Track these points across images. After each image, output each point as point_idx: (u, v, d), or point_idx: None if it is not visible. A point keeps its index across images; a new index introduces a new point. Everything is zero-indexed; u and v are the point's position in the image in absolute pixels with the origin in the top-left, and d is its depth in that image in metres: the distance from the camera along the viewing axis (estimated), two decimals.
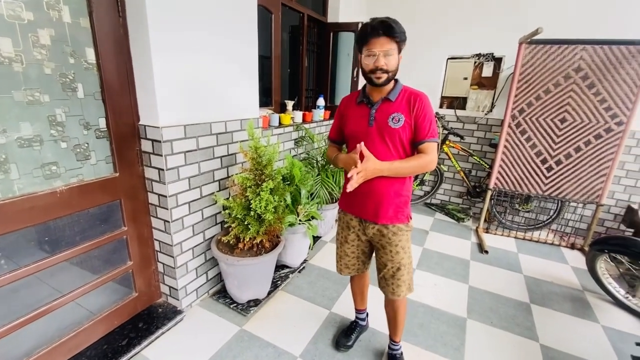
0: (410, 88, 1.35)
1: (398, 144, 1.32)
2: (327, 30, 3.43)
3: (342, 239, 1.59)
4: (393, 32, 1.21)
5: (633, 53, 2.60)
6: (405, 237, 1.44)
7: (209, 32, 1.76)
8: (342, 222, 1.58)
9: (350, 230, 1.53)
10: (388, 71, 1.25)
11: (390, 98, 1.32)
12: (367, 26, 1.24)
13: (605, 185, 2.87)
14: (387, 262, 1.46)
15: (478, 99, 3.63)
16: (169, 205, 1.73)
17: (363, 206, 1.42)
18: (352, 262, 1.61)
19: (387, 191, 1.36)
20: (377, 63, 1.23)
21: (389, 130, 1.31)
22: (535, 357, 1.81)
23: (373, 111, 1.34)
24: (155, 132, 1.62)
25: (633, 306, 2.22)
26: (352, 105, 1.43)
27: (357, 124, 1.38)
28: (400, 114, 1.30)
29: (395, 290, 1.48)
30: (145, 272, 1.91)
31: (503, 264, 2.78)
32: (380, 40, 1.21)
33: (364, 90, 1.40)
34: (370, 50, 1.24)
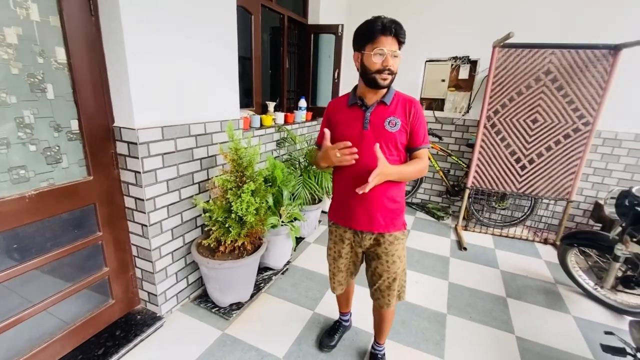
0: (402, 93, 1.33)
1: (393, 148, 1.29)
2: (307, 32, 3.45)
3: (335, 254, 1.50)
4: (403, 33, 1.18)
5: (598, 57, 2.75)
6: (401, 246, 1.41)
7: (186, 32, 1.73)
8: (334, 235, 1.49)
9: (345, 243, 1.45)
10: (393, 73, 1.22)
11: (386, 101, 1.28)
12: (377, 23, 1.17)
13: (574, 183, 3.01)
14: (382, 272, 1.41)
15: (455, 101, 3.73)
16: (147, 209, 1.69)
17: (357, 215, 1.35)
18: (346, 278, 1.57)
19: (382, 198, 1.31)
20: (386, 63, 1.18)
21: (385, 134, 1.27)
22: (511, 349, 1.88)
23: (368, 114, 1.28)
24: (131, 134, 1.58)
25: (601, 297, 2.34)
26: (343, 108, 1.36)
27: (349, 128, 1.31)
28: (396, 117, 1.27)
29: (390, 301, 1.46)
30: (123, 278, 1.86)
31: (481, 260, 2.87)
32: (389, 40, 1.17)
33: (354, 93, 1.35)
34: (379, 49, 1.17)
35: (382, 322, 1.59)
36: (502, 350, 1.86)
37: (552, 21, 3.13)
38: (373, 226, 1.35)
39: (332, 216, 1.48)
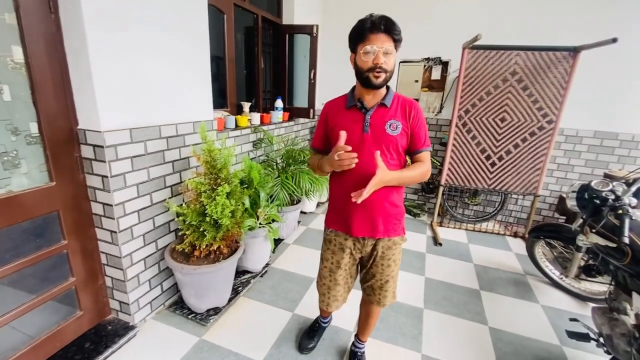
0: (401, 95, 1.30)
1: (394, 151, 1.26)
2: (282, 32, 3.43)
3: (333, 266, 1.43)
4: (394, 29, 1.14)
5: (559, 58, 2.90)
6: (398, 250, 1.39)
7: (155, 30, 1.68)
8: (332, 244, 1.42)
9: (345, 252, 1.39)
10: (387, 71, 1.17)
11: (386, 104, 1.25)
12: (366, 21, 1.15)
13: (540, 178, 3.17)
14: (376, 273, 1.41)
15: (428, 101, 3.83)
16: (116, 215, 1.62)
17: (358, 221, 1.31)
18: (342, 293, 1.49)
19: (383, 203, 1.28)
20: (377, 60, 1.14)
21: (386, 138, 1.23)
22: (484, 339, 1.95)
23: (368, 117, 1.24)
24: (97, 136, 1.51)
25: (567, 286, 2.48)
26: (341, 110, 1.31)
27: (349, 130, 1.23)
28: (397, 120, 1.24)
29: (381, 300, 1.45)
30: (91, 287, 1.77)
31: (455, 255, 2.96)
32: (380, 36, 1.13)
33: (352, 94, 1.31)
34: (369, 47, 1.14)
35: (369, 318, 1.59)
36: (476, 341, 1.93)
37: (517, 24, 3.28)
38: (374, 232, 1.32)
39: (331, 223, 1.42)
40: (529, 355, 1.85)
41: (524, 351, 1.87)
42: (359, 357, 1.70)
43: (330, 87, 4.09)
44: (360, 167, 1.19)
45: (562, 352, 1.89)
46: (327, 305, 1.51)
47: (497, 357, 1.82)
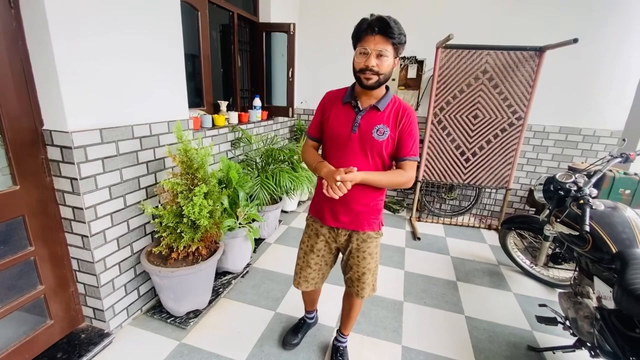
0: (400, 100, 1.30)
1: (377, 156, 1.27)
2: (259, 30, 3.40)
3: (307, 248, 1.50)
4: (390, 31, 1.12)
5: (526, 57, 3.04)
6: (374, 244, 1.42)
7: (125, 26, 1.62)
8: (310, 229, 1.49)
9: (319, 238, 1.45)
10: (379, 73, 1.16)
11: (379, 107, 1.25)
12: (364, 22, 1.16)
13: (511, 172, 3.31)
14: (353, 265, 1.45)
15: (405, 99, 3.91)
16: (87, 219, 1.56)
17: (335, 212, 1.36)
18: (313, 276, 1.52)
19: (361, 198, 1.32)
20: (368, 62, 1.14)
21: (371, 142, 1.24)
22: (461, 328, 2.02)
23: (359, 117, 1.25)
24: (64, 137, 1.45)
25: (536, 273, 2.61)
26: (338, 103, 1.32)
27: (339, 127, 1.28)
28: (385, 126, 1.24)
29: (359, 292, 1.49)
30: (62, 295, 1.70)
31: (433, 248, 3.05)
32: (375, 38, 1.13)
33: (352, 90, 1.31)
34: (363, 48, 1.15)
35: (351, 310, 1.62)
36: (453, 330, 2.00)
37: (488, 24, 3.40)
38: (347, 224, 1.37)
39: (312, 211, 1.49)
40: (502, 341, 1.93)
41: (497, 337, 1.96)
42: (341, 351, 1.72)
43: (309, 86, 4.11)
44: (343, 164, 1.24)
45: (533, 336, 1.99)
46: (297, 283, 1.56)
47: (473, 344, 1.89)
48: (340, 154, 1.30)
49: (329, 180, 1.19)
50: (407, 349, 1.83)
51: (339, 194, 1.16)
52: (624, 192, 2.51)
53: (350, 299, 1.60)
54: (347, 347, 1.76)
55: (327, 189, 1.18)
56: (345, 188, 1.16)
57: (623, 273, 1.29)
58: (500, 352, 1.85)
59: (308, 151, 1.44)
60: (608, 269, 1.46)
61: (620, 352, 1.30)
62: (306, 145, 1.46)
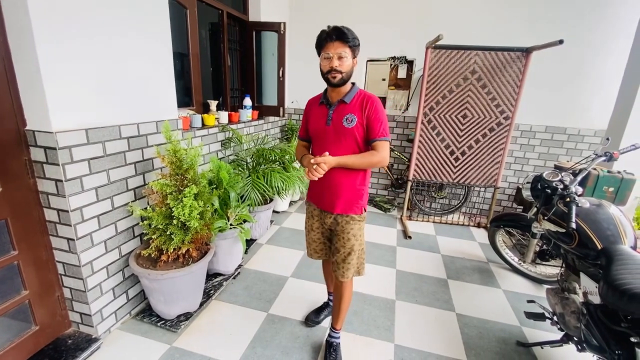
0: (365, 91, 1.48)
1: (352, 142, 1.45)
2: (249, 29, 3.37)
3: (308, 227, 1.73)
4: (345, 37, 1.34)
5: (513, 58, 3.09)
6: (357, 226, 1.57)
7: (111, 23, 1.58)
8: (307, 212, 1.73)
9: (314, 219, 1.67)
10: (342, 72, 1.38)
11: (346, 100, 1.45)
12: (323, 33, 1.37)
13: (499, 171, 3.37)
14: (340, 247, 1.58)
15: (395, 99, 3.94)
16: (73, 221, 1.52)
17: (322, 198, 1.57)
18: (320, 247, 1.74)
19: (344, 184, 1.49)
20: (331, 64, 1.36)
21: (343, 130, 1.44)
22: (452, 325, 2.05)
23: (331, 112, 1.47)
24: (48, 138, 1.40)
25: (525, 270, 2.66)
26: (315, 106, 1.56)
27: (317, 123, 1.52)
28: (353, 114, 1.43)
29: (344, 273, 1.60)
30: (48, 300, 1.65)
31: (424, 247, 3.08)
32: (334, 44, 1.35)
33: (325, 92, 1.53)
34: (325, 53, 1.37)
35: (341, 300, 1.68)
36: (445, 328, 2.02)
37: (477, 25, 3.45)
38: (333, 208, 1.54)
39: (308, 197, 1.70)
40: (492, 337, 1.96)
41: (487, 334, 1.99)
42: (334, 347, 1.73)
43: (300, 85, 4.10)
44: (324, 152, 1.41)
45: (522, 331, 2.02)
46: (309, 254, 1.79)
47: (463, 341, 1.92)
48: (321, 145, 1.50)
49: (308, 165, 1.37)
50: (399, 347, 1.84)
51: (317, 175, 1.33)
52: (607, 189, 2.58)
53: (338, 288, 1.67)
54: (340, 344, 1.76)
55: (307, 174, 1.36)
56: (322, 169, 1.32)
57: (608, 269, 1.33)
58: (491, 348, 1.88)
59: (298, 150, 1.69)
60: (594, 265, 1.49)
61: (605, 346, 1.33)
62: (298, 145, 1.71)
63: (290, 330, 1.93)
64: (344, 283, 1.64)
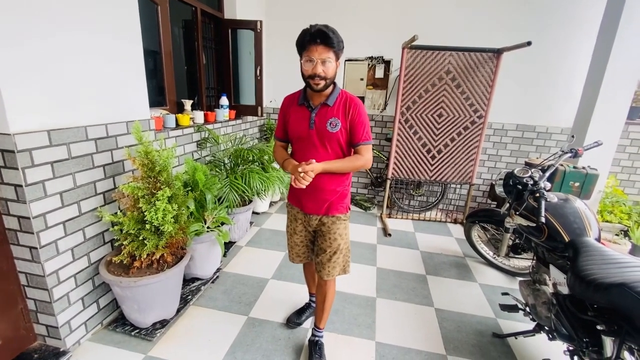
0: (347, 93, 1.44)
1: (336, 146, 1.42)
2: (224, 27, 3.30)
3: (291, 231, 1.68)
4: (330, 41, 1.26)
5: (485, 59, 3.19)
6: (343, 225, 1.56)
7: (75, 16, 1.50)
8: (290, 215, 1.67)
9: (298, 222, 1.63)
10: (326, 78, 1.31)
11: (329, 103, 1.39)
12: (306, 33, 1.28)
13: (474, 168, 3.47)
14: (326, 247, 1.56)
15: (373, 98, 3.97)
16: (35, 229, 1.43)
17: (306, 200, 1.52)
18: (302, 251, 1.71)
19: (327, 187, 1.47)
20: (315, 70, 1.28)
21: (327, 135, 1.40)
22: (431, 319, 2.09)
23: (313, 115, 1.40)
24: (6, 140, 1.31)
25: (499, 264, 2.75)
26: (294, 105, 1.47)
27: (298, 126, 1.44)
28: (337, 119, 1.39)
29: (330, 271, 1.59)
30: (9, 313, 1.54)
31: (404, 244, 3.13)
32: (318, 48, 1.26)
33: (304, 92, 1.44)
34: (308, 57, 1.28)
35: (324, 300, 1.67)
36: (424, 323, 2.05)
37: (451, 26, 3.54)
38: (319, 210, 1.52)
39: (290, 199, 1.65)
40: (469, 330, 2.02)
41: (465, 327, 2.04)
42: (319, 344, 1.73)
43: (279, 84, 4.06)
44: (307, 157, 1.38)
45: (497, 323, 2.09)
46: (291, 259, 1.75)
47: (442, 335, 1.96)
48: (303, 149, 1.46)
49: (294, 173, 1.33)
50: (380, 345, 1.86)
51: (304, 183, 1.30)
52: (573, 184, 2.71)
53: (322, 288, 1.65)
54: (324, 342, 1.76)
55: (294, 181, 1.33)
56: (309, 177, 1.30)
57: (575, 260, 1.39)
58: (468, 341, 1.93)
59: (277, 151, 1.60)
60: (562, 257, 1.56)
61: (574, 334, 1.40)
62: (276, 146, 1.62)
63: (272, 333, 1.90)
64: (327, 282, 1.63)
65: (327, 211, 1.52)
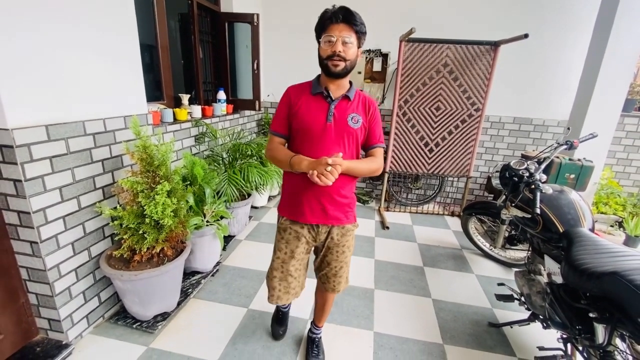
0: (363, 92, 1.36)
1: (353, 144, 1.30)
2: (221, 20, 3.27)
3: (286, 256, 1.41)
4: (354, 19, 1.17)
5: (483, 52, 3.19)
6: (351, 237, 1.43)
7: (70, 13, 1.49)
8: (287, 233, 1.39)
9: (300, 240, 1.38)
10: (346, 59, 1.18)
11: (350, 96, 1.28)
12: (327, 12, 1.18)
13: (471, 161, 3.49)
14: (331, 261, 1.43)
15: (371, 92, 3.97)
16: (35, 223, 1.43)
17: (311, 209, 1.32)
18: (294, 285, 1.46)
19: (335, 192, 1.30)
20: (335, 48, 1.16)
21: (348, 130, 1.26)
22: (428, 310, 2.12)
23: (332, 107, 1.25)
24: (4, 135, 1.31)
25: (496, 255, 2.79)
26: (306, 95, 1.29)
27: (313, 117, 1.25)
28: (358, 115, 1.28)
29: (336, 287, 1.48)
30: (11, 307, 1.56)
31: (401, 237, 3.16)
32: (339, 26, 1.16)
33: (318, 82, 1.30)
34: (329, 36, 1.17)
35: (325, 305, 1.62)
36: (421, 314, 2.09)
37: (449, 19, 3.53)
38: (328, 219, 1.33)
39: (285, 212, 1.39)
40: (466, 320, 2.05)
41: (461, 317, 2.08)
42: (316, 342, 1.74)
43: (276, 78, 4.04)
44: (321, 155, 1.20)
45: (493, 313, 2.13)
46: (277, 298, 1.46)
47: (439, 325, 2.00)
48: (316, 145, 1.25)
49: (318, 168, 1.12)
50: (378, 335, 1.89)
51: (331, 179, 1.11)
52: (569, 176, 2.74)
53: (324, 295, 1.59)
54: (322, 339, 1.78)
55: (318, 177, 1.11)
56: (337, 173, 1.12)
57: (569, 250, 1.42)
58: (465, 330, 1.96)
59: (277, 149, 1.32)
60: (556, 247, 1.59)
61: (567, 322, 1.43)
62: (273, 143, 1.34)
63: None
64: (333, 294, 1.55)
65: (339, 220, 1.35)
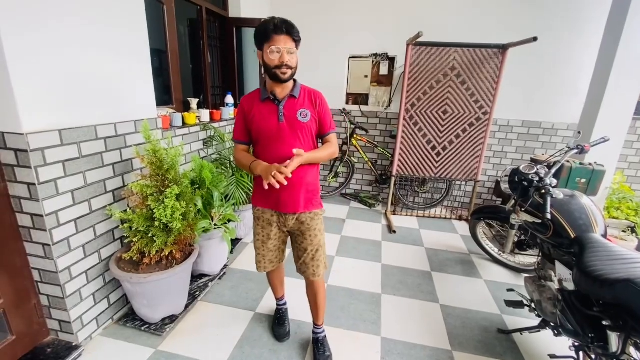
0: (307, 87, 1.47)
1: (308, 136, 1.44)
2: (229, 25, 3.31)
3: (263, 238, 1.59)
4: (294, 32, 1.30)
5: (491, 55, 3.17)
6: (320, 221, 1.57)
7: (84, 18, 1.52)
8: (261, 221, 1.57)
9: (272, 226, 1.55)
10: (292, 67, 1.33)
11: (295, 95, 1.41)
12: (270, 24, 1.28)
13: (479, 165, 3.46)
14: (307, 246, 1.55)
15: (378, 95, 3.97)
16: (48, 226, 1.46)
17: (280, 200, 1.47)
18: (275, 255, 1.66)
19: (301, 182, 1.45)
20: (282, 59, 1.29)
21: (299, 125, 1.40)
22: (436, 316, 2.10)
23: (281, 107, 1.39)
24: (19, 139, 1.34)
25: (505, 261, 2.75)
26: (256, 102, 1.44)
27: (266, 121, 1.40)
28: (306, 109, 1.41)
29: (315, 271, 1.58)
30: (23, 308, 1.59)
31: (408, 241, 3.14)
32: (282, 37, 1.28)
33: (265, 88, 1.43)
34: (275, 47, 1.28)
35: (317, 298, 1.67)
36: (429, 319, 2.07)
37: (456, 23, 3.52)
38: (296, 207, 1.47)
39: (257, 202, 1.56)
40: (474, 326, 2.03)
41: (469, 323, 2.05)
42: (321, 341, 1.74)
43: None
44: (279, 152, 1.39)
45: (502, 319, 2.10)
46: (263, 268, 1.66)
47: (447, 331, 1.97)
48: (274, 144, 1.41)
49: (267, 177, 1.28)
50: (386, 340, 1.88)
51: (281, 180, 1.25)
52: (580, 181, 2.70)
53: (312, 288, 1.66)
54: (326, 337, 1.78)
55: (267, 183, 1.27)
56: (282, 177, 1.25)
57: (581, 256, 1.39)
58: (473, 337, 1.94)
59: (240, 155, 1.52)
60: (567, 253, 1.56)
61: (580, 330, 1.40)
62: (237, 150, 1.54)
63: None
64: (316, 281, 1.62)
65: (306, 207, 1.49)
